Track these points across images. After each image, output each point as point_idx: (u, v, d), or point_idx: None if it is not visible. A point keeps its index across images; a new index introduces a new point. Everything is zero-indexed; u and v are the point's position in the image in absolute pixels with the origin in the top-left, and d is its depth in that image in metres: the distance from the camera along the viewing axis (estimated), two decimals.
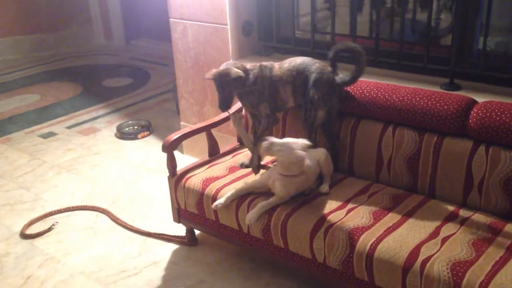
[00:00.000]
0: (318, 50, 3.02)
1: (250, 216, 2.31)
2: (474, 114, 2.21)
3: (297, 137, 2.37)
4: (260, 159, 2.63)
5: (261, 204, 2.31)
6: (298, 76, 2.49)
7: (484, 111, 2.18)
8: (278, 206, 2.30)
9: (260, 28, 3.34)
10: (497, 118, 2.14)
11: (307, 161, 2.35)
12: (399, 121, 2.42)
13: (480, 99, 2.31)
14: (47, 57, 6.93)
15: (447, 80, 2.61)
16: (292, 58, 2.57)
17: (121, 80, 5.94)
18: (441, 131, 2.31)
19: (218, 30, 3.33)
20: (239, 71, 2.43)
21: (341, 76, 2.50)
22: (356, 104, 2.52)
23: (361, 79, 2.61)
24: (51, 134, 4.47)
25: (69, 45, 7.21)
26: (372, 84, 2.53)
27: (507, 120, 2.11)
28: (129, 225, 3.04)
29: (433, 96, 2.33)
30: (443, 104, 2.28)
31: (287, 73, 2.51)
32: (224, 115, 2.93)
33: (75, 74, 6.20)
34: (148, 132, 4.40)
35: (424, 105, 2.32)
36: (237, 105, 2.81)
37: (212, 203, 2.45)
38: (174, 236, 2.89)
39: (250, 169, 2.62)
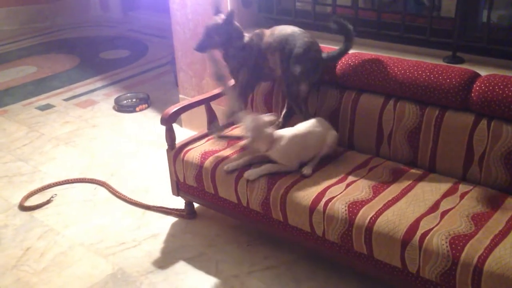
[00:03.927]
0: (319, 22, 2.97)
1: (252, 172, 2.33)
2: (477, 88, 2.18)
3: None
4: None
5: (266, 166, 2.33)
6: (286, 46, 2.46)
7: (487, 84, 2.15)
8: (278, 180, 2.29)
9: None
10: (500, 92, 2.11)
11: (314, 126, 2.39)
12: (401, 94, 2.39)
13: (483, 72, 2.28)
14: (43, 28, 6.83)
15: (450, 53, 2.57)
16: (284, 26, 2.54)
17: (118, 52, 5.87)
18: (443, 104, 2.29)
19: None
20: (222, 17, 2.48)
21: (328, 52, 2.48)
22: (357, 78, 2.49)
23: (362, 51, 2.58)
24: (48, 106, 4.44)
25: (66, 16, 7.10)
26: (374, 57, 2.49)
27: (510, 94, 2.09)
28: (128, 198, 3.03)
29: (435, 69, 2.30)
30: (445, 77, 2.25)
31: (277, 39, 2.49)
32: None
33: (72, 46, 6.13)
34: (146, 105, 4.36)
35: (426, 78, 2.29)
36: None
37: (211, 177, 2.45)
38: (173, 209, 2.89)
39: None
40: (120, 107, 4.34)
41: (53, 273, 2.48)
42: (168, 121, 2.62)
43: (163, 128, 2.66)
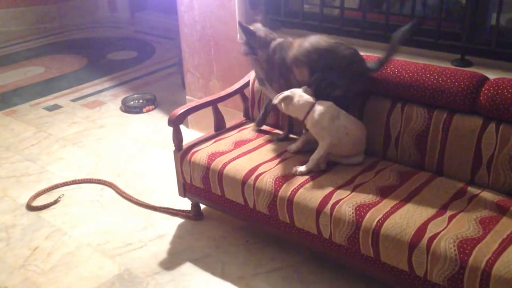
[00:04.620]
0: (326, 24, 2.97)
1: (304, 168, 2.34)
2: (485, 91, 2.17)
3: None
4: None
5: (312, 157, 2.34)
6: (319, 59, 2.35)
7: (496, 88, 2.15)
8: (285, 181, 2.29)
9: (267, 1, 3.27)
10: (509, 95, 2.10)
11: (357, 129, 2.39)
12: (408, 97, 2.39)
13: (492, 75, 2.27)
14: (51, 29, 6.87)
15: (459, 56, 2.56)
16: (316, 38, 2.41)
17: (126, 53, 5.89)
18: (451, 108, 2.28)
19: (225, 3, 3.27)
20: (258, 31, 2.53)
21: (375, 62, 2.38)
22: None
23: (369, 54, 2.58)
24: (56, 107, 4.46)
25: (73, 17, 7.14)
26: None
27: None
28: (135, 199, 3.04)
29: (443, 72, 2.29)
30: (453, 80, 2.24)
31: (304, 53, 2.38)
32: (229, 89, 2.91)
33: (80, 47, 6.16)
34: (153, 106, 4.38)
35: (435, 81, 2.28)
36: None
37: (218, 178, 2.45)
38: (180, 210, 2.90)
39: (256, 145, 2.61)
40: (127, 108, 4.35)
41: (60, 273, 2.49)
42: (175, 122, 2.63)
43: (170, 129, 2.66)
